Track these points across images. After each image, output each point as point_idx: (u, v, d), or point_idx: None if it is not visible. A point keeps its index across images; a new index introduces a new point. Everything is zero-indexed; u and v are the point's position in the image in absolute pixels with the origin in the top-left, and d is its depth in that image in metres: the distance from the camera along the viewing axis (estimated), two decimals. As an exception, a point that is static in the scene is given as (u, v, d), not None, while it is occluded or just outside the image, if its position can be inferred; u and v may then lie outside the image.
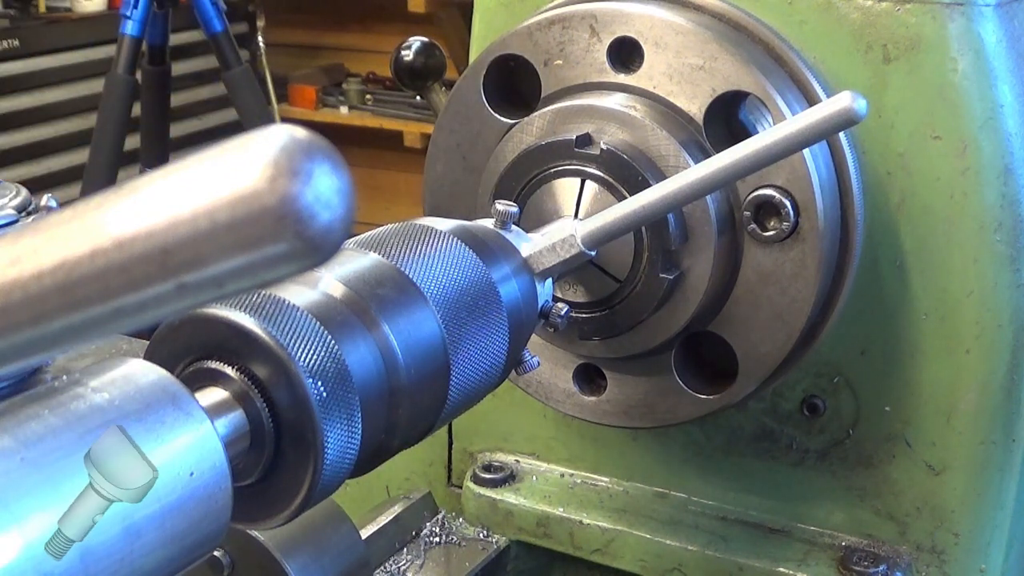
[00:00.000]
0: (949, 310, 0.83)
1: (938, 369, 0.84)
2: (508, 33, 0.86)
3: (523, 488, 0.99)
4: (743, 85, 0.78)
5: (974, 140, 0.79)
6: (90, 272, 0.34)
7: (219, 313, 0.53)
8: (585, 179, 0.79)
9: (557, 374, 0.89)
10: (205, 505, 0.46)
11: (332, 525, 0.79)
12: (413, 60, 1.11)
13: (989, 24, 0.79)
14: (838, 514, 0.91)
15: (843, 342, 0.87)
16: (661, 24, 0.80)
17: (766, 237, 0.79)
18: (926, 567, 0.88)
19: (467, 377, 0.64)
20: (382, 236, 0.65)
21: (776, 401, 0.90)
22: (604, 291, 0.80)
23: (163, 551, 0.44)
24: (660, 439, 0.96)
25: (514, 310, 0.68)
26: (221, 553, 0.74)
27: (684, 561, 0.91)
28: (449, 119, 0.89)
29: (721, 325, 0.83)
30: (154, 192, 0.34)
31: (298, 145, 0.33)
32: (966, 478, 0.86)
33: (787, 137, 0.67)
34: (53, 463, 0.41)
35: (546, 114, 0.82)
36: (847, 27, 0.81)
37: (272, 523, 0.55)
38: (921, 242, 0.82)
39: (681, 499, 0.96)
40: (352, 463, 0.56)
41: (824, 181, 0.78)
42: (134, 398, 0.45)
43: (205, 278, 0.33)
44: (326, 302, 0.57)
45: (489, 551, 0.98)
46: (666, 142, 0.78)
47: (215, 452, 0.47)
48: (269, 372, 0.52)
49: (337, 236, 0.33)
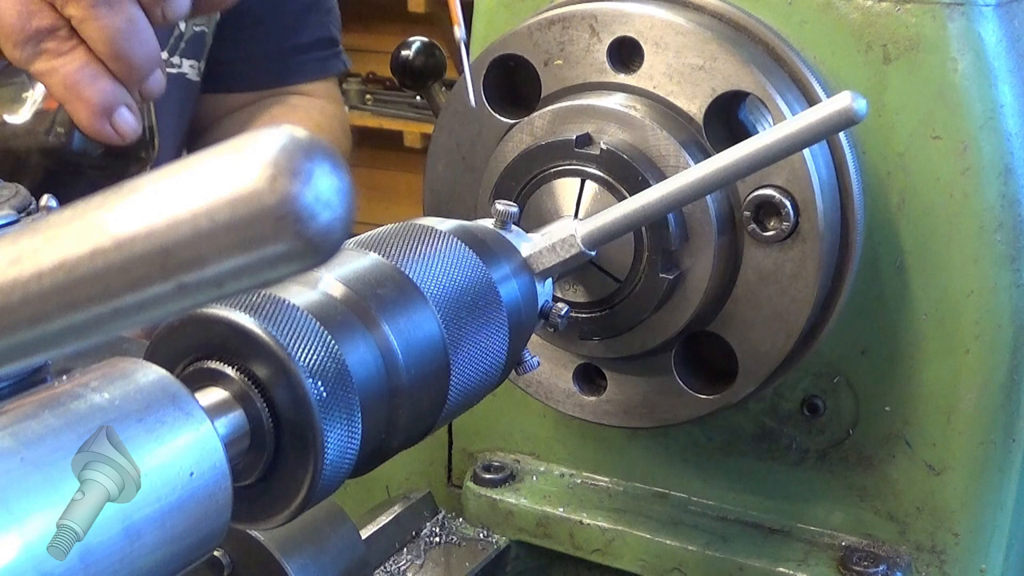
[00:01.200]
0: (949, 310, 0.83)
1: (938, 369, 0.84)
2: (508, 33, 0.86)
3: (523, 488, 0.99)
4: (743, 85, 0.78)
5: (974, 140, 0.79)
6: (90, 272, 0.34)
7: (219, 313, 0.53)
8: (585, 179, 0.79)
9: (557, 374, 0.89)
10: (205, 505, 0.46)
11: (332, 525, 0.79)
12: (413, 60, 1.11)
13: (989, 24, 0.79)
14: (838, 514, 0.91)
15: (843, 342, 0.87)
16: (661, 24, 0.80)
17: (766, 237, 0.79)
18: (926, 567, 0.88)
19: (467, 377, 0.64)
20: (382, 236, 0.65)
21: (776, 401, 0.90)
22: (604, 291, 0.80)
23: (163, 551, 0.44)
24: (660, 439, 0.96)
25: (514, 310, 0.68)
26: (221, 553, 0.74)
27: (684, 561, 0.91)
28: (449, 119, 0.89)
29: (721, 325, 0.83)
30: (154, 192, 0.34)
31: (298, 145, 0.33)
32: (966, 478, 0.86)
33: (787, 137, 0.67)
34: (53, 463, 0.41)
35: (546, 114, 0.82)
36: (847, 27, 0.81)
37: (272, 523, 0.55)
38: (921, 242, 0.82)
39: (681, 499, 0.96)
40: (352, 463, 0.56)
41: (824, 181, 0.78)
42: (134, 398, 0.45)
43: (205, 278, 0.33)
44: (326, 302, 0.57)
45: (489, 551, 0.98)
46: (666, 142, 0.78)
47: (215, 452, 0.47)
48: (269, 372, 0.52)
49: (337, 236, 0.33)
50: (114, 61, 0.83)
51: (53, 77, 0.83)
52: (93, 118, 0.84)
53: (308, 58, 1.69)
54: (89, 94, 0.83)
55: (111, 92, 0.83)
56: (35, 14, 0.81)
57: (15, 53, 0.83)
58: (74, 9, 0.80)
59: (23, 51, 0.82)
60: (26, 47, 0.82)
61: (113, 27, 0.81)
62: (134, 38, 0.82)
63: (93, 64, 0.83)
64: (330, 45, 1.74)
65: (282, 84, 1.66)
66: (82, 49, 0.82)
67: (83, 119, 0.84)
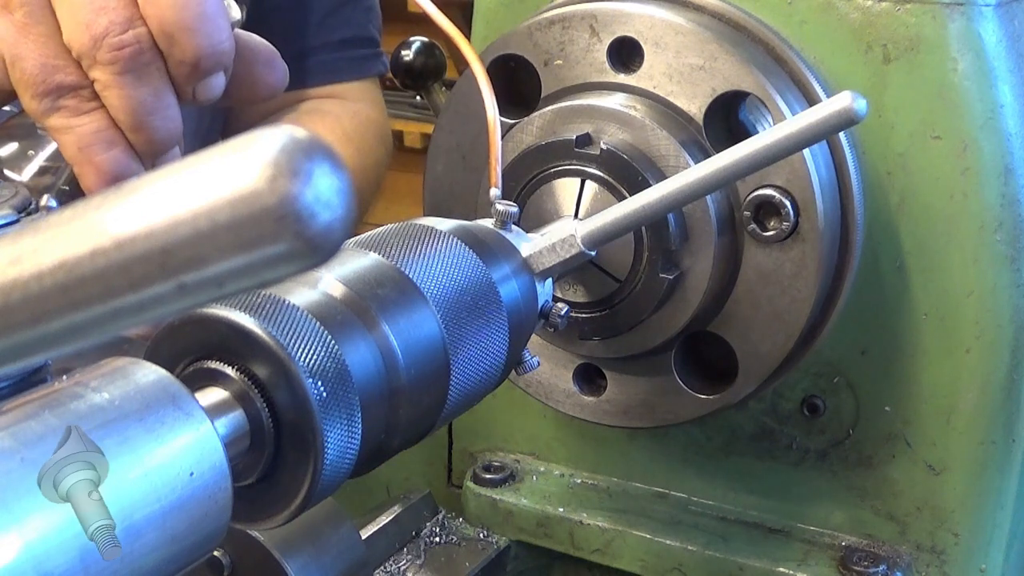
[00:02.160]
0: (949, 310, 0.83)
1: (938, 369, 0.84)
2: (508, 33, 0.86)
3: (523, 488, 0.99)
4: (743, 85, 0.78)
5: (974, 140, 0.79)
6: (90, 272, 0.34)
7: (219, 313, 0.53)
8: (585, 179, 0.79)
9: (557, 374, 0.89)
10: (205, 505, 0.46)
11: (332, 525, 0.79)
12: (413, 60, 1.11)
13: (989, 24, 0.79)
14: (838, 514, 0.91)
15: (843, 342, 0.87)
16: (661, 24, 0.80)
17: (766, 237, 0.79)
18: (926, 567, 0.88)
19: (467, 377, 0.64)
20: (382, 236, 0.65)
21: (776, 401, 0.90)
22: (604, 291, 0.80)
23: (163, 551, 0.44)
24: (660, 439, 0.96)
25: (514, 310, 0.68)
26: (221, 553, 0.74)
27: (684, 561, 0.91)
28: (449, 119, 0.89)
29: (721, 325, 0.83)
30: (154, 192, 0.34)
31: (298, 145, 0.33)
32: (966, 478, 0.86)
33: (787, 137, 0.67)
34: (53, 463, 0.41)
35: (546, 114, 0.82)
36: (847, 27, 0.81)
37: (272, 523, 0.55)
38: (921, 242, 0.82)
39: (681, 499, 0.96)
40: (352, 463, 0.56)
41: (824, 181, 0.79)
42: (134, 398, 0.45)
43: (205, 278, 0.33)
44: (326, 302, 0.57)
45: (489, 551, 0.98)
46: (666, 142, 0.78)
47: (215, 452, 0.47)
48: (269, 372, 0.52)
49: (337, 236, 0.33)
50: (133, 133, 0.78)
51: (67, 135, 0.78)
52: (100, 184, 0.79)
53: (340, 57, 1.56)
54: (101, 160, 0.78)
55: (124, 162, 0.79)
56: (60, 69, 0.77)
57: (32, 104, 0.78)
58: (100, 73, 0.76)
59: (41, 103, 0.78)
60: (44, 100, 0.78)
61: (137, 99, 0.77)
62: (157, 113, 0.78)
63: (111, 130, 0.78)
64: (368, 44, 1.61)
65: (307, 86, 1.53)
66: (102, 112, 0.78)
67: (91, 184, 0.79)
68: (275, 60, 0.85)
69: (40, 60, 0.77)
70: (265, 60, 0.85)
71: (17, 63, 0.78)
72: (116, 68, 0.76)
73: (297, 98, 1.54)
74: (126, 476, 0.43)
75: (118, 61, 0.76)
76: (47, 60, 0.77)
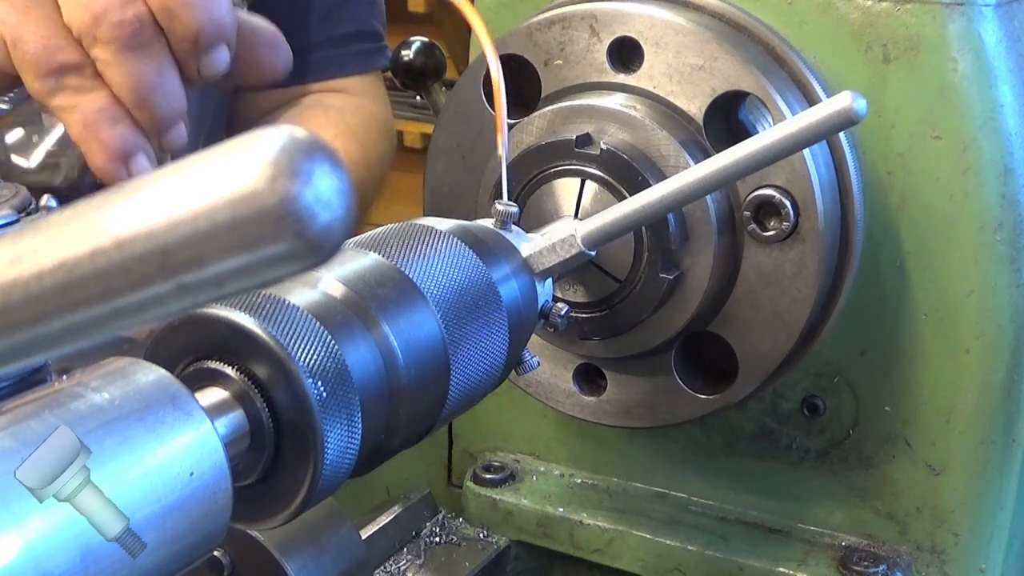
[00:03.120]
0: (949, 310, 0.83)
1: (938, 369, 0.84)
2: (508, 33, 0.86)
3: (523, 488, 0.99)
4: (743, 85, 0.78)
5: (974, 140, 0.79)
6: (90, 272, 0.34)
7: (219, 313, 0.53)
8: (585, 179, 0.79)
9: (557, 374, 0.89)
10: (205, 505, 0.46)
11: (332, 525, 0.79)
12: (413, 60, 1.11)
13: (989, 24, 0.79)
14: (838, 514, 0.91)
15: (843, 342, 0.87)
16: (661, 24, 0.80)
17: (766, 237, 0.79)
18: (926, 567, 0.88)
19: (467, 377, 0.64)
20: (382, 236, 0.65)
21: (776, 401, 0.90)
22: (604, 291, 0.80)
23: (163, 551, 0.44)
24: (660, 439, 0.96)
25: (514, 310, 0.68)
26: (221, 553, 0.74)
27: (684, 561, 0.91)
28: (449, 119, 0.89)
29: (721, 325, 0.83)
30: (154, 192, 0.34)
31: (298, 145, 0.33)
32: (966, 478, 0.86)
33: (787, 137, 0.67)
34: (53, 463, 0.41)
35: (546, 114, 0.82)
36: (847, 27, 0.81)
37: (272, 523, 0.55)
38: (921, 242, 0.82)
39: (681, 499, 0.96)
40: (352, 463, 0.56)
41: (824, 181, 0.78)
42: (134, 398, 0.45)
43: (205, 278, 0.33)
44: (326, 302, 0.57)
45: (489, 551, 0.98)
46: (666, 142, 0.78)
47: (215, 452, 0.47)
48: (269, 372, 0.52)
49: (337, 236, 0.33)
50: (137, 110, 0.78)
51: (72, 114, 0.78)
52: (109, 162, 0.79)
53: (343, 51, 1.55)
54: (107, 136, 0.78)
55: (130, 137, 0.79)
56: (61, 49, 0.77)
57: (35, 84, 0.78)
58: (101, 51, 0.76)
59: (44, 83, 0.78)
60: (48, 80, 0.78)
61: (139, 75, 0.77)
62: (160, 89, 0.78)
63: (115, 107, 0.78)
64: (371, 38, 1.60)
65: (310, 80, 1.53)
66: (105, 90, 0.78)
67: (98, 161, 0.79)
68: (279, 42, 0.86)
69: (41, 41, 0.78)
70: (269, 42, 0.85)
71: (19, 45, 0.78)
72: (117, 46, 0.76)
73: (300, 93, 1.53)
74: (126, 476, 0.43)
75: (119, 39, 0.76)
76: (48, 40, 0.77)
